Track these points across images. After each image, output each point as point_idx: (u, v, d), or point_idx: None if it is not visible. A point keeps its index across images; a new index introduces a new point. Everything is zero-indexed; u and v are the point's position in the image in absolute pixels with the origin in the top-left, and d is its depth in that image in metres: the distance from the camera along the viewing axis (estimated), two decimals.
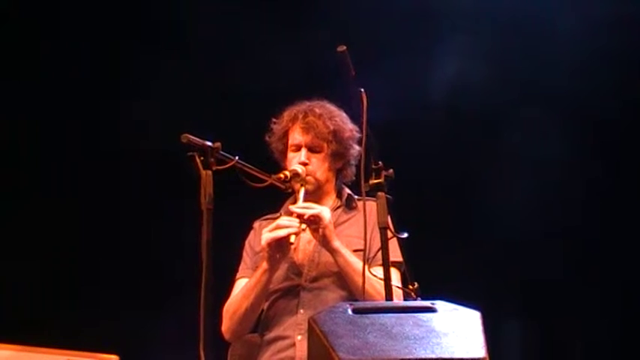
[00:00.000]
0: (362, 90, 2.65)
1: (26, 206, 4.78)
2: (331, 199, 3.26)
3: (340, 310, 2.24)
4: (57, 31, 4.83)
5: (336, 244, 3.02)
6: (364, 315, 2.22)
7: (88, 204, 4.82)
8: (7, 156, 4.80)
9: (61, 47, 4.80)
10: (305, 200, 3.09)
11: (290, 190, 3.14)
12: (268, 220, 3.20)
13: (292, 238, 2.96)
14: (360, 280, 2.81)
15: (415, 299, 2.65)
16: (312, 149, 3.19)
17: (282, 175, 3.03)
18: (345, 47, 2.58)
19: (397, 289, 2.80)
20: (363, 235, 2.78)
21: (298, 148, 3.20)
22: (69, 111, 4.80)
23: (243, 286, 3.14)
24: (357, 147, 3.17)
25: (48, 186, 4.83)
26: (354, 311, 2.23)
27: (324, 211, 3.03)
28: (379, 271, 2.72)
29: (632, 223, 4.83)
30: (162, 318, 4.57)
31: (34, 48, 4.79)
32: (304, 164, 3.15)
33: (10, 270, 4.54)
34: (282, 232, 2.96)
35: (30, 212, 4.75)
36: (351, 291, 3.03)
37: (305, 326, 2.57)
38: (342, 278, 3.06)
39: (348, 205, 3.25)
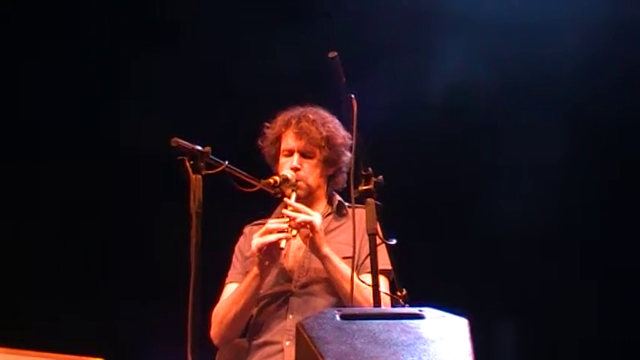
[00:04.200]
0: (352, 96, 2.65)
1: (22, 209, 4.77)
2: (322, 206, 3.26)
3: (328, 316, 2.24)
4: (57, 31, 4.82)
5: (326, 250, 3.03)
6: (352, 321, 2.22)
7: (82, 206, 4.82)
8: (6, 155, 4.79)
9: (61, 47, 4.80)
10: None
11: (280, 195, 3.14)
12: (259, 225, 3.18)
13: (283, 244, 2.97)
14: (348, 287, 2.81)
15: (403, 306, 2.65)
16: (304, 155, 3.19)
17: (271, 180, 3.03)
18: (335, 53, 2.58)
19: (385, 296, 2.80)
20: (352, 242, 2.77)
21: (291, 154, 3.20)
22: (69, 111, 4.79)
23: (232, 291, 3.14)
24: (349, 154, 3.16)
25: (46, 186, 4.82)
26: (342, 317, 2.23)
27: (315, 216, 3.04)
28: (368, 279, 2.71)
29: (629, 224, 4.83)
30: (150, 321, 4.57)
31: (35, 48, 4.78)
32: (296, 169, 3.15)
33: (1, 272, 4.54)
34: (272, 237, 2.96)
35: (25, 215, 4.74)
36: (341, 298, 3.03)
37: (294, 332, 2.57)
38: (331, 285, 3.06)
39: (339, 212, 3.25)
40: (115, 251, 4.79)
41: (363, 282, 2.80)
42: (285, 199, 3.08)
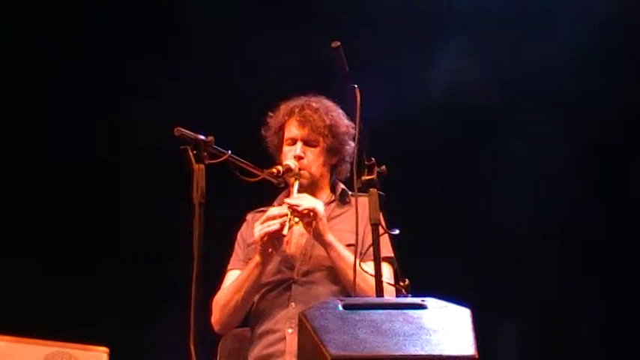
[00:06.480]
0: (355, 86, 2.65)
1: (26, 204, 4.77)
2: (325, 195, 3.26)
3: (330, 305, 2.25)
4: (58, 31, 4.82)
5: (329, 237, 3.03)
6: (354, 311, 2.23)
7: (85, 201, 4.82)
8: (7, 155, 4.79)
9: (61, 47, 4.79)
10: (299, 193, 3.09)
11: (283, 185, 3.14)
12: (261, 212, 3.18)
13: (285, 231, 2.97)
14: (352, 275, 2.81)
15: (406, 296, 2.66)
16: (307, 143, 3.19)
17: (274, 170, 3.03)
18: (339, 43, 2.58)
19: (389, 285, 2.80)
20: (355, 230, 2.77)
21: (294, 142, 3.20)
22: (69, 111, 4.79)
23: (234, 278, 3.14)
24: (352, 143, 3.17)
25: (47, 185, 4.82)
26: (345, 307, 2.24)
27: (317, 204, 3.04)
28: (371, 266, 2.72)
29: (630, 223, 4.84)
30: (152, 312, 4.58)
31: (35, 48, 4.78)
32: (299, 158, 3.15)
33: (6, 267, 4.54)
34: (274, 226, 2.96)
35: (29, 210, 4.74)
36: (343, 286, 3.04)
37: (296, 320, 2.57)
38: (334, 273, 3.06)
39: (342, 199, 3.25)
40: (117, 241, 4.80)
41: (366, 272, 2.79)
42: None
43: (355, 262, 2.75)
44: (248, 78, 4.69)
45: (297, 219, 3.00)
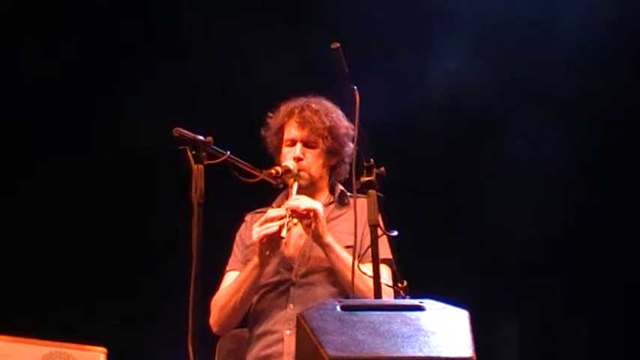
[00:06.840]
0: (355, 87, 2.65)
1: (26, 204, 4.77)
2: (324, 196, 3.25)
3: (329, 307, 2.25)
4: (57, 31, 4.82)
5: (328, 239, 3.02)
6: (353, 312, 2.23)
7: (85, 201, 4.82)
8: (7, 155, 4.79)
9: (61, 47, 4.79)
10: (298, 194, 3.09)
11: (281, 186, 3.14)
12: (260, 213, 3.18)
13: (283, 232, 2.96)
14: (350, 276, 2.81)
15: (404, 297, 2.66)
16: (307, 144, 3.19)
17: (273, 171, 3.03)
18: (338, 44, 2.58)
19: (387, 286, 2.80)
20: (354, 231, 2.76)
21: (293, 143, 3.20)
22: (69, 111, 4.79)
23: (233, 279, 3.14)
24: (351, 145, 3.15)
25: (47, 185, 4.82)
26: (343, 308, 2.24)
27: (316, 205, 3.03)
28: (370, 268, 2.71)
29: (630, 223, 4.83)
30: (152, 312, 4.58)
31: (34, 48, 4.77)
32: (299, 159, 3.14)
33: (5, 267, 4.54)
34: (273, 228, 2.96)
35: (29, 210, 4.74)
36: (342, 287, 3.03)
37: (294, 321, 2.57)
38: (332, 274, 3.06)
39: (341, 201, 3.25)
40: (117, 241, 4.80)
41: (365, 273, 2.79)
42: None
43: (354, 263, 2.75)
44: (248, 78, 4.69)
45: (295, 220, 3.00)
